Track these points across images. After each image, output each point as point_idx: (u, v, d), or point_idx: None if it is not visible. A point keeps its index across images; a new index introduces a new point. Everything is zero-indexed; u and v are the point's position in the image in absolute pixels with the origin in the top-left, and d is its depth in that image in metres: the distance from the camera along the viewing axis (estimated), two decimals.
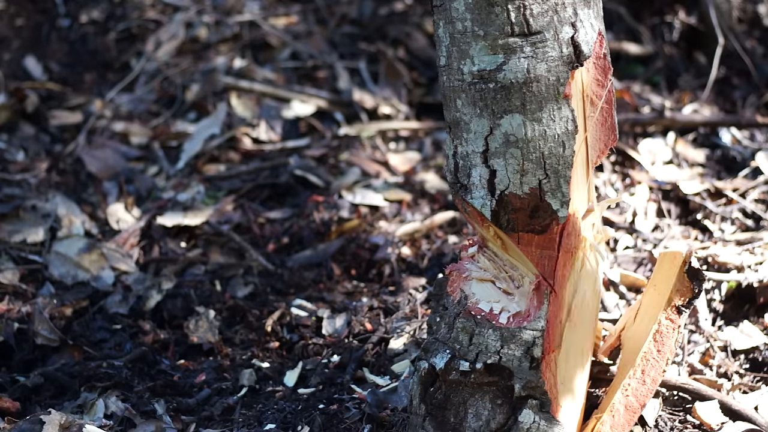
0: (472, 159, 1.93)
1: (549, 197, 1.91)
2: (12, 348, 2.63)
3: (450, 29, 1.88)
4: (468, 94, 1.89)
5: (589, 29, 1.89)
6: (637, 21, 3.97)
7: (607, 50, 1.94)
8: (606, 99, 1.94)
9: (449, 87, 1.92)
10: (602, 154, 1.97)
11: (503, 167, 1.90)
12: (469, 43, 1.86)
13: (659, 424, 2.21)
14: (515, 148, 1.89)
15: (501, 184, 1.91)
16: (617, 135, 1.98)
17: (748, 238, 2.81)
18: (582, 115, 1.91)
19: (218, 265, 2.97)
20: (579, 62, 1.87)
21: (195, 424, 2.34)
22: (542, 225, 1.93)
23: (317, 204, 3.15)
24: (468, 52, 1.87)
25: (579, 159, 1.92)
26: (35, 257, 2.96)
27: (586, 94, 1.91)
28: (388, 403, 2.31)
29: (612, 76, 1.95)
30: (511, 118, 1.87)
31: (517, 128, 1.88)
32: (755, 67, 3.74)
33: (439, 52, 1.92)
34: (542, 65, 1.85)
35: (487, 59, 1.86)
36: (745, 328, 2.54)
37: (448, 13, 1.87)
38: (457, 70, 1.89)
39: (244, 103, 3.76)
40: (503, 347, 1.95)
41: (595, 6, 1.91)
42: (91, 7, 4.28)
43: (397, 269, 2.86)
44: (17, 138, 3.65)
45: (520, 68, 1.85)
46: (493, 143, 1.90)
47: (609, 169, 3.22)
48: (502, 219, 1.94)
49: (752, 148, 3.33)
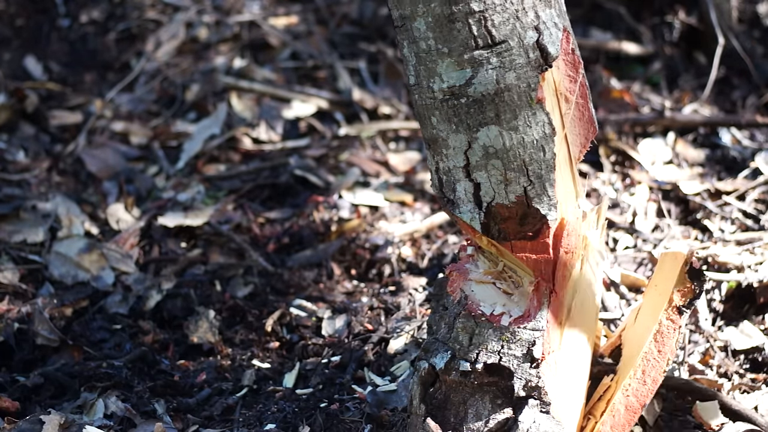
0: (455, 174, 1.92)
1: (536, 202, 1.90)
2: (12, 348, 2.63)
3: (415, 49, 1.87)
4: (441, 111, 1.88)
5: (554, 29, 1.87)
6: (637, 21, 3.97)
7: (575, 45, 1.92)
8: (580, 93, 1.92)
9: (422, 105, 1.91)
10: (584, 149, 1.96)
11: (486, 179, 1.90)
12: (435, 60, 1.85)
13: (659, 424, 2.21)
14: (496, 159, 1.88)
15: (487, 196, 1.91)
16: (597, 127, 1.97)
17: (748, 238, 2.81)
18: (558, 114, 1.90)
19: (218, 265, 2.97)
20: (547, 64, 1.86)
21: (195, 424, 2.34)
22: (533, 230, 1.92)
23: (317, 204, 3.15)
24: (435, 70, 1.86)
25: (561, 157, 1.91)
26: (35, 257, 2.96)
27: (559, 92, 1.90)
28: (388, 403, 2.31)
29: (583, 70, 1.93)
30: (488, 130, 1.87)
31: (495, 139, 1.87)
32: (755, 67, 3.74)
33: (408, 72, 1.91)
34: (511, 74, 1.84)
35: (455, 75, 1.85)
36: (745, 328, 2.54)
37: (410, 33, 1.86)
38: (428, 89, 1.88)
39: (244, 103, 3.76)
40: (503, 347, 1.95)
41: (557, 4, 1.89)
42: (91, 7, 4.28)
43: (397, 269, 2.86)
44: (17, 138, 3.65)
45: (489, 80, 1.84)
46: (473, 157, 1.89)
47: (609, 169, 3.22)
48: (493, 229, 1.94)
49: (752, 148, 3.33)
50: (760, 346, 2.47)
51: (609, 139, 3.30)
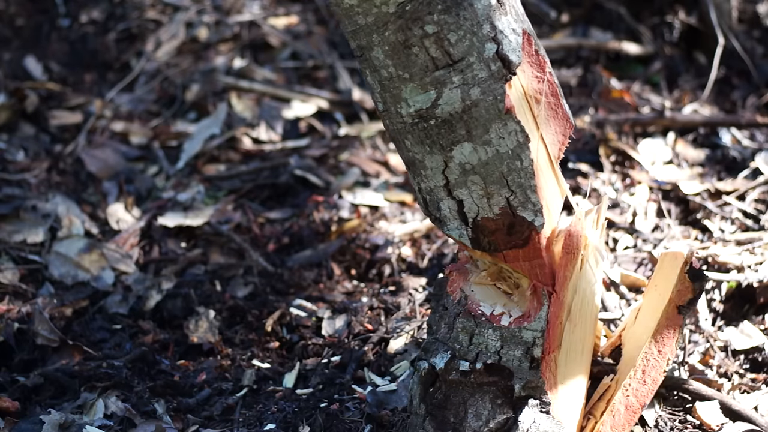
0: (437, 193, 1.92)
1: (521, 211, 1.90)
2: (12, 348, 2.63)
3: (377, 77, 1.86)
4: (413, 134, 1.88)
5: (512, 36, 1.85)
6: (637, 21, 3.97)
7: (538, 44, 1.91)
8: (550, 92, 1.91)
9: (394, 130, 1.90)
10: (563, 146, 1.95)
11: (468, 196, 1.90)
12: (399, 87, 1.84)
13: (659, 424, 2.21)
14: (474, 175, 1.88)
15: (471, 212, 1.91)
16: (572, 122, 1.96)
17: (748, 238, 2.81)
18: (531, 117, 1.89)
19: (218, 265, 2.97)
20: (511, 72, 1.84)
21: (195, 424, 2.34)
22: (522, 238, 1.92)
23: (317, 204, 3.15)
24: (400, 96, 1.85)
25: (541, 160, 1.91)
26: (35, 257, 2.96)
27: (528, 95, 1.89)
28: (388, 403, 2.31)
29: (550, 67, 1.92)
30: (461, 147, 1.86)
31: (470, 156, 1.86)
32: (755, 67, 3.74)
33: (374, 99, 1.90)
34: (475, 89, 1.83)
35: (421, 98, 1.84)
36: (745, 328, 2.54)
37: (370, 62, 1.85)
38: (396, 114, 1.87)
39: (244, 103, 3.76)
40: (503, 347, 1.95)
41: (513, 9, 1.87)
42: (91, 7, 4.28)
43: (397, 269, 2.86)
44: (17, 138, 3.65)
45: (455, 99, 1.83)
46: (451, 176, 1.89)
47: (609, 169, 3.22)
48: (483, 243, 1.94)
49: (752, 148, 3.32)
50: (760, 346, 2.47)
51: (609, 139, 3.30)
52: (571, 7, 4.08)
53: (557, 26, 4.01)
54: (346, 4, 1.80)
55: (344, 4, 1.80)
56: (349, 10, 1.81)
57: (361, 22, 1.81)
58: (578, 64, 3.86)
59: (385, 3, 1.78)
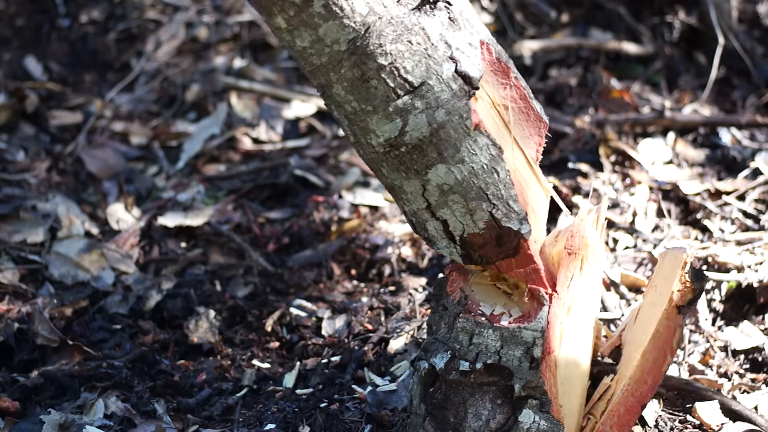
0: (421, 215, 1.92)
1: (506, 222, 1.90)
2: (12, 348, 2.63)
3: (342, 112, 1.86)
4: (387, 162, 1.88)
5: (469, 50, 1.84)
6: (637, 21, 3.96)
7: (499, 51, 1.90)
8: (518, 96, 1.91)
9: (369, 160, 1.91)
10: (540, 146, 1.95)
11: (451, 215, 1.90)
12: (365, 119, 1.84)
13: (659, 424, 2.21)
14: (453, 194, 1.88)
15: (457, 230, 1.91)
16: (546, 120, 1.95)
17: (748, 238, 2.81)
18: (502, 126, 1.89)
19: (218, 265, 2.97)
20: (473, 88, 1.83)
21: (195, 424, 2.34)
22: (512, 248, 1.92)
23: (317, 204, 3.15)
24: (368, 128, 1.84)
25: (520, 164, 1.91)
26: (35, 257, 2.96)
27: (497, 104, 1.88)
28: (388, 403, 2.31)
29: (515, 71, 1.91)
30: (436, 170, 1.86)
31: (446, 176, 1.86)
32: (755, 67, 3.74)
33: (345, 132, 1.90)
34: (440, 111, 1.82)
35: (388, 128, 1.83)
36: (745, 328, 2.54)
37: (333, 99, 1.85)
38: (367, 145, 1.87)
39: (244, 103, 3.76)
40: (503, 347, 1.95)
41: (466, 22, 1.85)
42: (91, 7, 4.28)
43: (397, 269, 2.86)
44: (17, 138, 3.65)
45: (421, 124, 1.82)
46: (431, 198, 1.89)
47: (609, 169, 3.22)
48: (474, 257, 1.94)
49: (752, 148, 3.32)
50: (760, 346, 2.47)
51: (609, 139, 3.30)
52: (571, 7, 4.08)
53: (557, 26, 4.01)
54: (299, 47, 1.80)
55: (297, 47, 1.80)
56: (302, 52, 1.81)
57: (316, 62, 1.81)
58: (578, 64, 3.86)
59: (335, 42, 1.78)
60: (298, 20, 1.76)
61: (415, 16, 1.80)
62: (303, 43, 1.79)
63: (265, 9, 1.77)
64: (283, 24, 1.78)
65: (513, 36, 3.90)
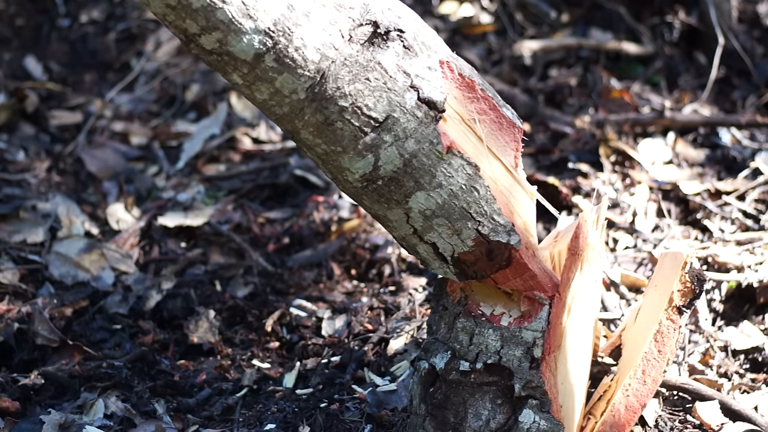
0: (410, 240, 1.93)
1: (493, 236, 1.90)
2: (12, 348, 2.63)
3: (314, 154, 1.86)
4: (367, 195, 1.88)
5: (429, 75, 1.83)
6: (637, 21, 3.97)
7: (461, 65, 1.88)
8: (488, 107, 1.89)
9: (350, 194, 1.91)
10: (517, 152, 1.94)
11: (439, 237, 1.90)
12: (337, 159, 1.84)
13: (659, 424, 2.21)
14: (437, 218, 1.88)
15: (447, 251, 1.91)
16: (520, 125, 1.94)
17: (748, 238, 2.81)
18: (476, 138, 1.88)
19: (218, 265, 2.97)
20: (439, 111, 1.83)
21: (195, 424, 2.34)
22: (504, 260, 1.92)
23: (317, 204, 3.15)
24: (342, 166, 1.85)
25: (499, 174, 1.90)
26: (35, 257, 2.96)
27: (466, 120, 1.88)
28: (388, 403, 2.31)
29: (481, 82, 1.89)
30: (416, 197, 1.86)
31: (427, 202, 1.86)
32: (755, 67, 3.74)
33: (322, 172, 1.91)
34: (410, 141, 1.82)
35: (361, 165, 1.83)
36: (745, 328, 2.54)
37: (303, 143, 1.85)
38: (345, 181, 1.87)
39: (244, 103, 3.76)
40: (503, 347, 1.95)
41: (422, 46, 1.84)
42: (91, 7, 4.28)
43: (397, 269, 2.86)
44: (17, 138, 3.65)
45: (393, 156, 1.82)
46: (416, 224, 1.89)
47: (609, 169, 3.22)
48: (469, 273, 1.94)
49: (752, 148, 3.33)
50: (760, 346, 2.47)
51: (609, 139, 3.30)
52: (571, 7, 4.08)
53: (557, 26, 4.01)
54: (259, 100, 1.80)
55: (258, 100, 1.81)
56: (263, 104, 1.81)
57: (279, 112, 1.81)
58: (578, 64, 3.86)
59: (293, 92, 1.77)
60: (252, 76, 1.76)
61: (369, 51, 1.79)
62: (262, 96, 1.79)
63: (219, 69, 1.77)
64: (239, 81, 1.78)
65: (513, 36, 3.90)
